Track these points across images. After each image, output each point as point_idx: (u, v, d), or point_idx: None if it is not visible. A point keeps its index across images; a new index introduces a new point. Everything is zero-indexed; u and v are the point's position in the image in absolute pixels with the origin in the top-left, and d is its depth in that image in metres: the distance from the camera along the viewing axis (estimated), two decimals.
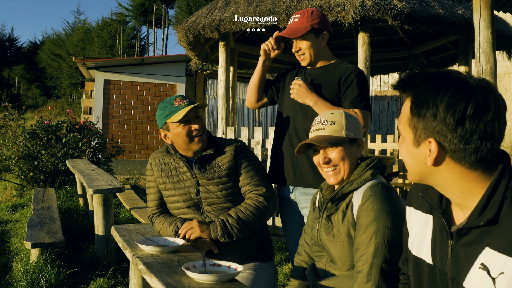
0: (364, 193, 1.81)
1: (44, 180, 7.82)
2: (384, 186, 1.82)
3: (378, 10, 5.40)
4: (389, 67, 9.59)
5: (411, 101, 1.19)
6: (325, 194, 2.01)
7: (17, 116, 8.73)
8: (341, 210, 1.88)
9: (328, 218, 1.91)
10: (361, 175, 1.88)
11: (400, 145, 1.26)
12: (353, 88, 2.51)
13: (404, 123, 1.22)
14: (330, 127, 1.92)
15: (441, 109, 1.11)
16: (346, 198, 1.89)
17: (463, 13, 6.09)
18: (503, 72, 11.85)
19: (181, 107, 2.36)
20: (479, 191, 1.14)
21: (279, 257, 4.61)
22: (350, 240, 1.84)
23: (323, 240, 1.92)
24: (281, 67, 9.49)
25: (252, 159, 2.48)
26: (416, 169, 1.22)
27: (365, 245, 1.73)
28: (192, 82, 13.20)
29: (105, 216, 4.19)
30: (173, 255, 2.05)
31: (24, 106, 15.18)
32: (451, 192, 1.18)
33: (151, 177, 2.55)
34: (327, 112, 2.00)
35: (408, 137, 1.21)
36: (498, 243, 1.08)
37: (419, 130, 1.16)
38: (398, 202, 1.81)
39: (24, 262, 3.93)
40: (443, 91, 1.12)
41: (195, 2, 29.88)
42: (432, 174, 1.19)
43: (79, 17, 67.23)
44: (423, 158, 1.18)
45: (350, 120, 1.95)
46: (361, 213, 1.79)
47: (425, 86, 1.16)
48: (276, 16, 5.89)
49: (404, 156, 1.25)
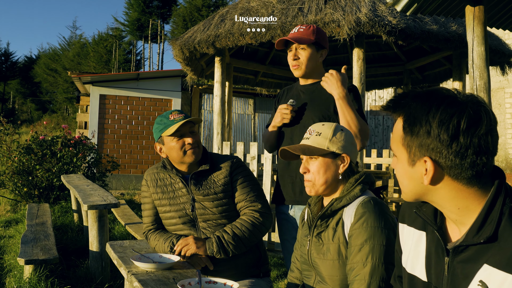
0: (357, 210, 1.77)
1: (38, 195, 7.77)
2: (377, 202, 1.79)
3: (373, 26, 5.46)
4: (384, 82, 9.66)
5: (403, 120, 1.19)
6: (313, 210, 1.97)
7: (12, 131, 8.70)
8: (331, 227, 1.84)
9: (319, 236, 1.87)
10: (350, 191, 1.84)
11: (394, 166, 1.26)
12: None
13: (397, 143, 1.22)
14: (314, 138, 1.89)
15: (434, 126, 1.11)
16: (336, 214, 1.85)
17: (456, 29, 6.16)
18: (497, 87, 11.95)
19: (176, 121, 2.37)
20: (476, 208, 1.14)
21: (275, 273, 4.58)
22: (341, 258, 1.80)
23: (314, 259, 1.89)
24: (276, 82, 9.54)
25: (247, 175, 2.48)
26: (412, 189, 1.22)
27: (360, 264, 1.69)
28: (187, 97, 13.23)
29: (99, 232, 4.16)
30: (168, 272, 2.03)
31: (19, 120, 15.19)
32: (448, 209, 1.18)
33: (146, 193, 2.54)
34: (319, 123, 1.98)
35: (403, 156, 1.21)
36: (496, 260, 1.07)
37: (414, 148, 1.16)
38: (391, 217, 1.78)
39: (17, 279, 3.89)
40: (435, 108, 1.13)
41: (191, 18, 30.04)
42: (429, 193, 1.19)
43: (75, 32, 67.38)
44: (419, 177, 1.18)
45: (339, 134, 1.90)
46: (354, 231, 1.74)
47: (416, 104, 1.16)
48: (271, 33, 5.93)
49: (400, 177, 1.25)
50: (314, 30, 2.62)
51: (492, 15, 4.77)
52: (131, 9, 34.79)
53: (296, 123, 2.62)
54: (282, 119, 2.61)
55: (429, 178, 1.15)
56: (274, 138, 2.74)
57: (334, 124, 1.95)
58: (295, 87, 2.79)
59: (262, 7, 6.37)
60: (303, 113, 2.62)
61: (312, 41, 2.59)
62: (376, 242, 1.69)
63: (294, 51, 2.62)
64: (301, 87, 2.72)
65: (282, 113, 2.60)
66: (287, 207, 2.67)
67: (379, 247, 1.69)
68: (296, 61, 2.63)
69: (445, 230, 1.26)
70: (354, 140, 1.96)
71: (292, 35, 2.63)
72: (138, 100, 12.42)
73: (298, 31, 2.63)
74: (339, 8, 5.74)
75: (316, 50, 2.63)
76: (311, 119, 2.57)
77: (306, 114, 2.61)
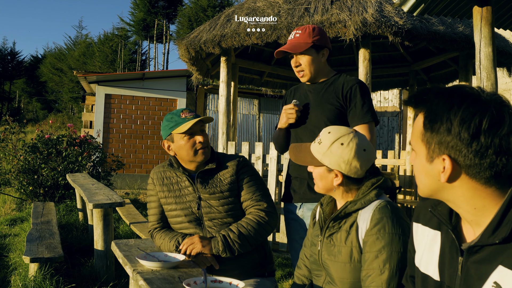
0: (373, 215, 1.73)
1: (43, 194, 7.79)
2: (393, 208, 1.76)
3: (379, 27, 5.44)
4: (390, 83, 9.63)
5: (424, 116, 1.17)
6: (325, 210, 1.95)
7: (18, 129, 8.73)
8: (344, 229, 1.81)
9: (330, 237, 1.85)
10: (365, 195, 1.80)
11: (413, 161, 1.25)
12: (358, 100, 2.54)
13: (417, 138, 1.20)
14: (316, 145, 1.88)
15: (455, 124, 1.10)
16: (350, 217, 1.82)
17: (463, 30, 6.13)
18: (503, 89, 11.90)
19: (188, 119, 2.37)
20: (493, 208, 1.12)
21: (280, 273, 4.57)
22: (352, 262, 1.78)
23: (324, 260, 1.87)
24: (281, 82, 9.53)
25: (253, 174, 2.47)
26: (429, 185, 1.20)
27: (378, 271, 1.66)
28: (192, 96, 13.24)
29: (104, 231, 4.17)
30: (173, 271, 2.02)
31: (25, 119, 15.24)
32: (464, 209, 1.17)
33: (152, 191, 2.54)
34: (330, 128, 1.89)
35: (422, 152, 1.19)
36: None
37: (433, 145, 1.15)
38: (407, 223, 1.75)
39: (22, 277, 3.89)
40: (457, 105, 1.11)
41: (196, 18, 30.08)
42: (445, 190, 1.18)
43: (81, 32, 67.54)
44: (436, 174, 1.16)
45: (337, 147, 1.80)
46: (371, 237, 1.71)
47: (438, 101, 1.15)
48: (277, 33, 5.93)
49: (417, 172, 1.23)
50: (311, 32, 2.58)
51: (499, 16, 4.74)
52: (136, 9, 34.89)
53: (302, 123, 2.61)
54: (288, 119, 2.60)
55: (447, 176, 1.13)
56: (283, 138, 2.74)
57: (340, 134, 1.84)
58: (302, 86, 2.77)
59: (268, 7, 6.36)
60: (309, 112, 2.60)
61: (310, 45, 2.55)
62: (394, 249, 1.67)
63: (295, 58, 2.61)
64: (307, 87, 2.71)
65: (287, 114, 2.60)
66: (295, 207, 2.66)
67: (396, 254, 1.67)
68: (298, 68, 2.62)
69: (460, 230, 1.25)
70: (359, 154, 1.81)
71: (289, 42, 2.61)
72: (143, 100, 12.44)
73: (294, 37, 2.60)
74: (345, 9, 5.72)
75: (316, 52, 2.59)
76: (320, 119, 2.55)
77: (315, 113, 2.58)
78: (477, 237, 1.14)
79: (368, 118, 2.53)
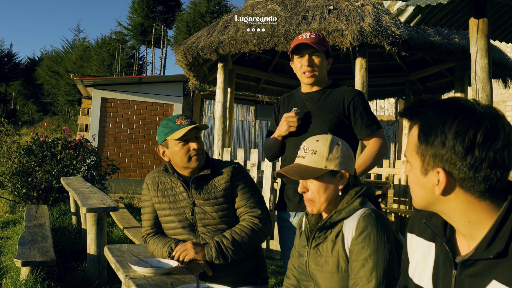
0: (358, 224, 1.73)
1: (37, 197, 7.75)
2: (378, 215, 1.76)
3: (376, 36, 5.47)
4: (386, 92, 9.68)
5: (419, 129, 1.17)
6: (311, 220, 1.94)
7: (13, 132, 8.70)
8: (330, 239, 1.81)
9: (317, 247, 1.85)
10: (350, 203, 1.80)
11: (408, 173, 1.24)
12: (361, 112, 2.57)
13: (411, 151, 1.20)
14: (310, 157, 1.83)
15: (450, 137, 1.09)
16: (335, 226, 1.81)
17: (459, 41, 6.17)
18: (499, 100, 11.96)
19: (183, 125, 2.37)
20: (487, 222, 1.12)
21: (273, 281, 4.56)
22: (339, 272, 1.77)
23: (312, 270, 1.86)
24: (278, 90, 9.55)
25: (248, 181, 2.47)
26: (423, 197, 1.20)
27: (365, 280, 1.66)
28: (189, 102, 13.24)
29: (98, 235, 4.15)
30: (166, 277, 2.02)
31: (20, 122, 15.19)
32: (458, 222, 1.16)
33: (147, 196, 2.53)
34: (313, 138, 1.90)
35: (416, 164, 1.19)
36: (506, 277, 1.05)
37: (428, 157, 1.14)
38: (392, 230, 1.76)
39: (14, 281, 3.87)
40: (451, 118, 1.10)
41: (194, 23, 30.12)
42: (439, 203, 1.17)
43: (78, 35, 67.46)
44: (431, 186, 1.15)
45: (335, 150, 1.83)
46: (356, 246, 1.71)
47: (433, 113, 1.14)
48: (274, 41, 5.94)
49: (412, 184, 1.23)
50: (324, 39, 2.59)
51: (495, 28, 4.77)
52: (135, 13, 34.91)
53: (304, 132, 2.58)
54: (289, 127, 2.56)
55: (441, 189, 1.13)
56: (278, 147, 2.70)
57: (329, 138, 1.87)
58: (296, 95, 2.74)
59: (266, 15, 6.38)
60: (310, 121, 2.58)
61: (324, 49, 2.55)
62: (380, 257, 1.67)
63: (307, 57, 2.56)
64: (304, 95, 2.68)
65: (288, 121, 2.55)
66: (288, 215, 2.65)
67: (383, 262, 1.67)
68: (311, 67, 2.56)
69: (454, 242, 1.24)
70: (351, 152, 1.89)
71: (308, 40, 2.53)
72: (139, 104, 12.43)
73: (310, 37, 2.54)
74: (343, 18, 5.75)
75: (326, 58, 2.62)
76: (321, 128, 2.52)
77: (315, 123, 2.56)
78: (471, 251, 1.14)
79: (377, 124, 2.59)
